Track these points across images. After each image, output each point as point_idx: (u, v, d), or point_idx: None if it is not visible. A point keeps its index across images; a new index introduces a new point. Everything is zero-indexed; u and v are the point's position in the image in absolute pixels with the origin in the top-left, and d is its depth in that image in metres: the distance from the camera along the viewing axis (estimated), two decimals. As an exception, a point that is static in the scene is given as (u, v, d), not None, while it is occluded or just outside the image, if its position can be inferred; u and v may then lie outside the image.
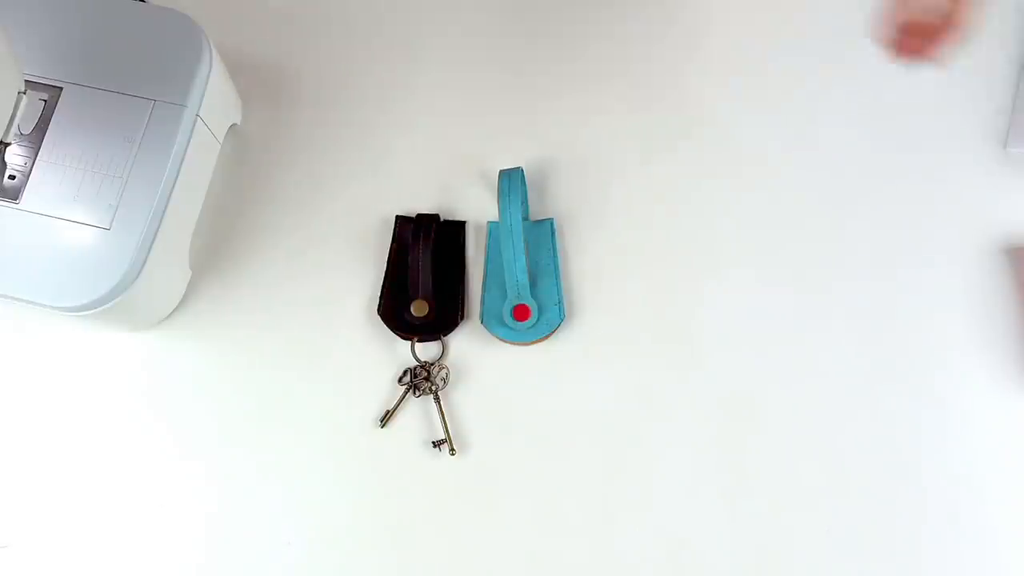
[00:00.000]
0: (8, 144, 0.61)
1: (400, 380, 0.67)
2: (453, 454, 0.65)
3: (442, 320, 0.68)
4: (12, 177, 0.61)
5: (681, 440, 0.66)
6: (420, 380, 0.66)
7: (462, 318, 0.68)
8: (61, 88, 0.62)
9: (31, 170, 0.61)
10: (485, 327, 0.67)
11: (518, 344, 0.67)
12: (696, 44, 0.74)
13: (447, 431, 0.66)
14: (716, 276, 0.68)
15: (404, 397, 0.67)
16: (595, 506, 0.65)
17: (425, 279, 0.68)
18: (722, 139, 0.71)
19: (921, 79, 0.72)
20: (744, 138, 0.71)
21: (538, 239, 0.69)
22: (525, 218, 0.69)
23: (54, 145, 0.61)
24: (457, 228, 0.70)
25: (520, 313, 0.66)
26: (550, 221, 0.69)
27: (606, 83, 0.66)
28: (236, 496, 0.65)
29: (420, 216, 0.69)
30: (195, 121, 0.62)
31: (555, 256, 0.68)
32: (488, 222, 0.70)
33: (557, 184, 0.71)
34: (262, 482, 0.66)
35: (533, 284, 0.68)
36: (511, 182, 0.66)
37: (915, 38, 0.53)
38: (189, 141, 0.62)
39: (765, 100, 0.72)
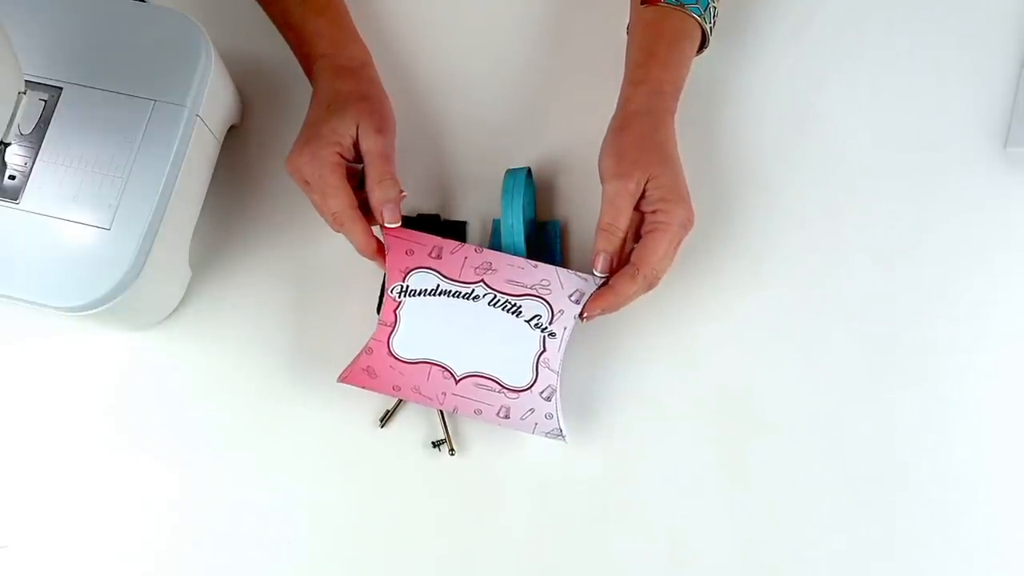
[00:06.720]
0: (8, 144, 0.61)
1: (400, 380, 0.67)
2: (453, 454, 0.65)
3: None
4: (12, 177, 0.61)
5: (681, 438, 0.66)
6: (420, 380, 0.66)
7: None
8: (61, 88, 0.62)
9: (31, 170, 0.61)
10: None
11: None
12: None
13: (447, 431, 0.66)
14: (715, 274, 0.68)
15: (404, 397, 0.67)
16: (594, 505, 0.65)
17: (425, 279, 0.68)
18: (723, 140, 0.71)
19: (921, 79, 0.72)
20: (745, 138, 0.71)
21: (543, 240, 0.68)
22: (532, 219, 0.69)
23: (54, 145, 0.61)
24: (458, 228, 0.69)
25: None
26: (556, 223, 0.69)
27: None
28: (236, 495, 0.65)
29: (420, 216, 0.69)
30: (195, 121, 0.62)
31: (559, 258, 0.68)
32: (492, 220, 0.70)
33: (569, 186, 0.70)
34: (262, 481, 0.66)
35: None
36: (515, 182, 0.66)
37: None
38: (189, 141, 0.62)
39: (764, 100, 0.72)
